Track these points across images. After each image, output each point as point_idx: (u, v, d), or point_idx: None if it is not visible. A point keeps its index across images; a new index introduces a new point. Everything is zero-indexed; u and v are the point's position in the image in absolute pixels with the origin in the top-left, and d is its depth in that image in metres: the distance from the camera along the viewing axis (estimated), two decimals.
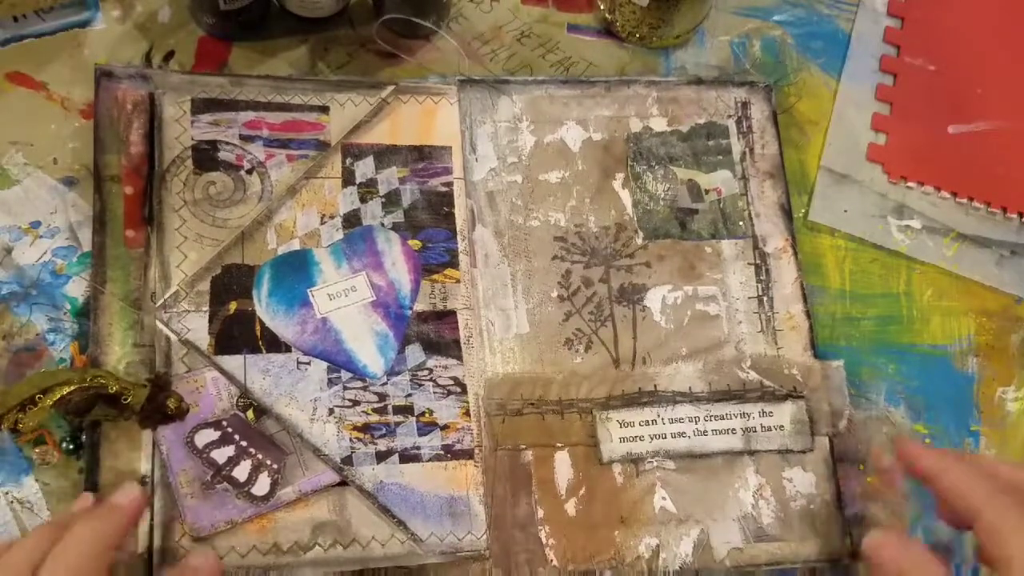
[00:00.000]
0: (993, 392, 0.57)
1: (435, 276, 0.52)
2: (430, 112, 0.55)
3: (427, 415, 0.49)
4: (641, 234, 0.55)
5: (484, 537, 0.48)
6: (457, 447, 0.49)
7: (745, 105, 0.58)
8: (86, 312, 0.48)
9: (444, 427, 0.49)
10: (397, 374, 0.50)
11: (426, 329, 0.51)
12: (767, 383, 0.53)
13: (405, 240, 0.53)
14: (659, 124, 0.57)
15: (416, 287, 0.52)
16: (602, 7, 0.61)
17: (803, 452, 0.52)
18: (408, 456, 0.48)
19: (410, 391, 0.50)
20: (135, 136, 0.51)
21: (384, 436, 0.49)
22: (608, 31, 0.61)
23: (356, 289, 0.51)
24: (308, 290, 0.51)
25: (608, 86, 0.58)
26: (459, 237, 0.53)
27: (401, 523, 0.47)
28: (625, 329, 0.53)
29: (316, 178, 0.53)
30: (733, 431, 0.51)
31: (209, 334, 0.49)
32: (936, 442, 0.55)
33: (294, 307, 0.50)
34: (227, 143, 0.52)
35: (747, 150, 0.57)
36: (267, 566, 0.46)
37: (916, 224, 0.59)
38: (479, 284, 0.52)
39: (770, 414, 0.52)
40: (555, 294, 0.53)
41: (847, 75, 0.63)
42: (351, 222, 0.52)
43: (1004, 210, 0.60)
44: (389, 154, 0.54)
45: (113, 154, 0.51)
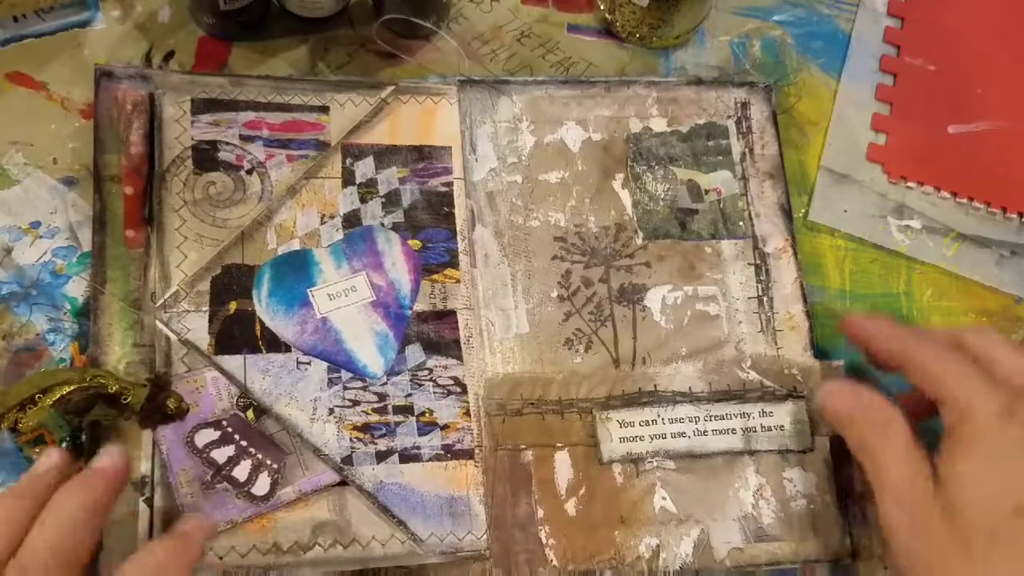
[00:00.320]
0: None
1: (435, 276, 0.52)
2: (430, 112, 0.55)
3: (427, 415, 0.49)
4: (641, 234, 0.55)
5: (484, 537, 0.48)
6: (457, 447, 0.49)
7: (745, 105, 0.58)
8: (86, 312, 0.48)
9: (444, 427, 0.49)
10: (397, 374, 0.50)
11: (426, 329, 0.51)
12: (767, 383, 0.53)
13: (405, 240, 0.53)
14: (659, 124, 0.57)
15: (416, 287, 0.52)
16: (602, 7, 0.61)
17: (803, 452, 0.52)
18: (408, 456, 0.48)
19: (410, 391, 0.50)
20: (135, 136, 0.51)
21: (384, 436, 0.49)
22: (608, 31, 0.61)
23: (356, 289, 0.51)
24: (308, 290, 0.51)
25: (608, 86, 0.58)
26: (459, 237, 0.53)
27: (401, 523, 0.47)
28: (625, 329, 0.53)
29: (316, 178, 0.53)
30: (733, 431, 0.51)
31: (209, 334, 0.49)
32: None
33: (294, 307, 0.50)
34: (227, 143, 0.52)
35: (747, 150, 0.57)
36: (267, 566, 0.45)
37: (916, 224, 0.59)
38: (479, 284, 0.52)
39: (770, 414, 0.52)
40: (555, 294, 0.53)
41: (847, 75, 0.62)
42: (351, 222, 0.52)
43: (1004, 210, 0.60)
44: (389, 154, 0.54)
45: (113, 154, 0.51)
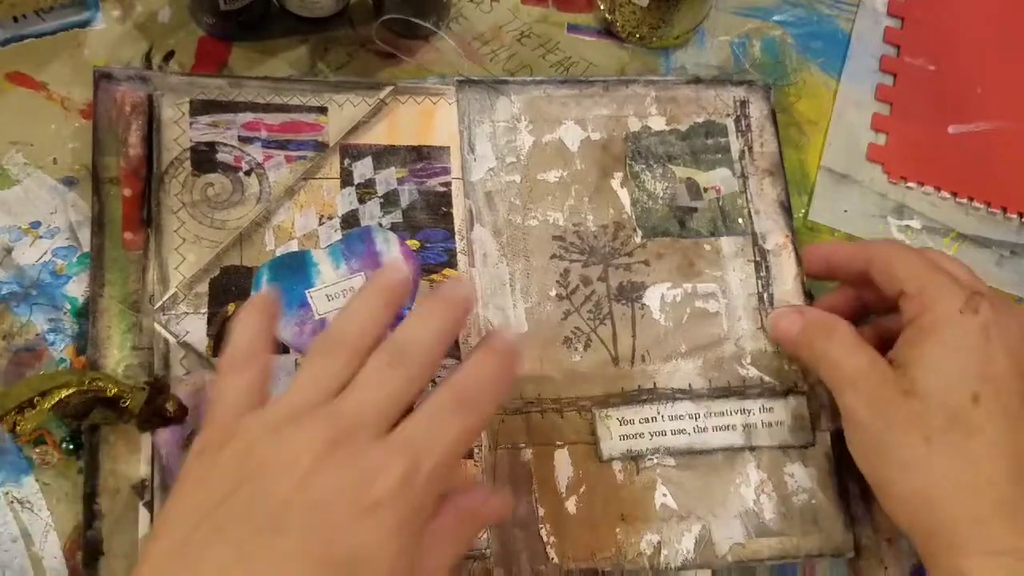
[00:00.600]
0: None
1: (434, 276, 0.52)
2: (428, 112, 0.55)
3: None
4: (640, 232, 0.55)
5: (485, 536, 0.47)
6: None
7: (743, 104, 0.58)
8: (86, 313, 0.48)
9: None
10: None
11: None
12: (767, 379, 0.52)
13: (403, 240, 0.52)
14: (658, 123, 0.57)
15: (415, 287, 0.52)
16: (602, 7, 0.61)
17: (804, 447, 0.51)
18: None
19: None
20: (133, 138, 0.51)
21: None
22: (608, 31, 0.61)
23: (354, 290, 0.51)
24: (306, 291, 0.50)
25: (606, 86, 0.58)
26: (457, 237, 0.53)
27: None
28: (624, 327, 0.53)
29: (314, 179, 0.53)
30: (733, 427, 0.51)
31: (207, 336, 0.49)
32: None
33: (292, 308, 0.50)
34: (225, 144, 0.52)
35: (746, 148, 0.57)
36: None
37: (916, 224, 0.59)
38: (477, 283, 0.52)
39: (770, 410, 0.52)
40: (553, 293, 0.53)
41: (847, 75, 0.63)
42: (349, 223, 0.52)
43: (1004, 210, 0.60)
44: (387, 154, 0.54)
45: (112, 156, 0.51)
